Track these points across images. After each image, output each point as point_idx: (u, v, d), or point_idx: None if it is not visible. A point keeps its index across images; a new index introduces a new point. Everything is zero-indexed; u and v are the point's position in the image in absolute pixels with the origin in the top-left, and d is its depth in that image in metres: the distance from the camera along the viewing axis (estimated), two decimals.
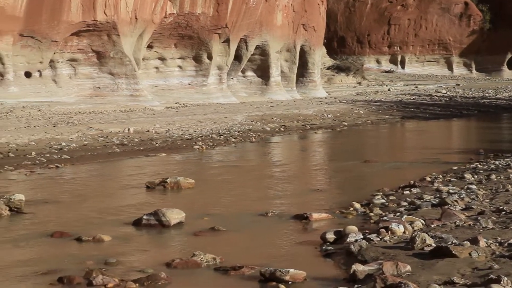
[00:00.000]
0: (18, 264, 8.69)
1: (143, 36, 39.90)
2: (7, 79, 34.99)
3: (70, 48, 37.70)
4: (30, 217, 11.62)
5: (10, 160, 19.84)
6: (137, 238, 10.27)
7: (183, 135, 27.34)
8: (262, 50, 47.70)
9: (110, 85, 39.26)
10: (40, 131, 25.93)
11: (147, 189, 14.65)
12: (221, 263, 8.54)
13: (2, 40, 34.14)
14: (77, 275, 7.89)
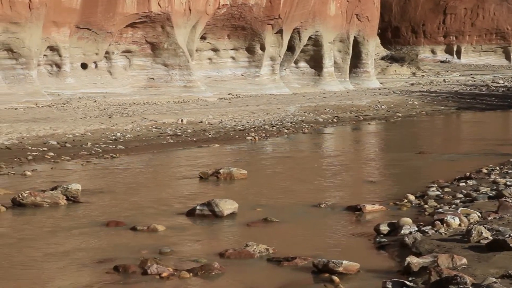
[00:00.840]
0: (75, 252, 8.84)
1: (196, 27, 40.11)
2: (64, 70, 35.62)
3: (125, 40, 38.16)
4: (86, 206, 11.81)
5: (67, 150, 20.20)
6: (191, 228, 10.35)
7: (235, 126, 27.42)
8: (315, 41, 47.46)
9: (164, 76, 39.61)
10: (96, 122, 26.33)
11: (200, 179, 14.74)
12: (274, 254, 8.54)
13: (59, 32, 34.75)
14: (132, 264, 7.99)
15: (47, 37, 34.39)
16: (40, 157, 18.66)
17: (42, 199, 11.75)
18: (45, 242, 9.39)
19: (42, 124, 25.46)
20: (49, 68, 35.97)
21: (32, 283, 7.60)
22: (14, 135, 22.68)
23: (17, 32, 33.21)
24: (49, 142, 21.66)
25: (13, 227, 10.50)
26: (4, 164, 17.19)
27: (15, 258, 8.54)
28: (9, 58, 33.90)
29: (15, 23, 32.95)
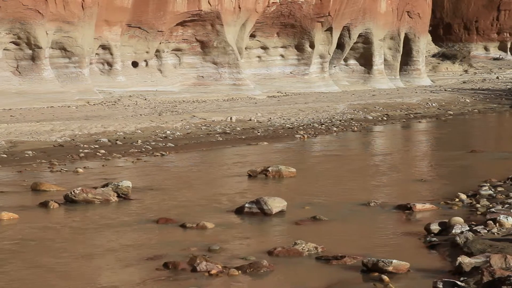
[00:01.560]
0: (126, 249, 8.94)
1: (246, 25, 40.19)
2: (115, 68, 36.09)
3: (175, 38, 38.48)
4: (136, 203, 11.93)
5: (118, 147, 20.45)
6: (239, 226, 10.37)
7: (284, 124, 27.39)
8: (365, 38, 47.12)
9: (213, 74, 39.80)
10: (146, 120, 26.60)
11: (249, 177, 14.76)
12: (322, 253, 8.51)
13: (111, 30, 35.22)
14: (182, 261, 8.05)
15: (99, 36, 34.88)
16: (91, 155, 18.93)
17: (93, 196, 11.92)
18: (96, 238, 9.52)
19: (94, 122, 25.83)
20: (100, 67, 36.48)
21: (83, 279, 7.71)
22: (66, 133, 23.06)
23: (70, 31, 33.75)
24: (100, 139, 21.96)
25: (65, 223, 10.68)
26: (57, 161, 17.50)
27: (66, 254, 8.68)
28: (62, 57, 34.49)
29: (68, 22, 33.50)
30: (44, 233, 9.83)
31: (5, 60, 33.67)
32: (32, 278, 7.69)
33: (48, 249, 8.95)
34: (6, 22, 32.52)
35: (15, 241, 9.31)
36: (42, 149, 19.83)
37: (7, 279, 7.65)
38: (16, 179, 14.86)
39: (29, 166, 16.76)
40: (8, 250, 8.84)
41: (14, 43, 33.49)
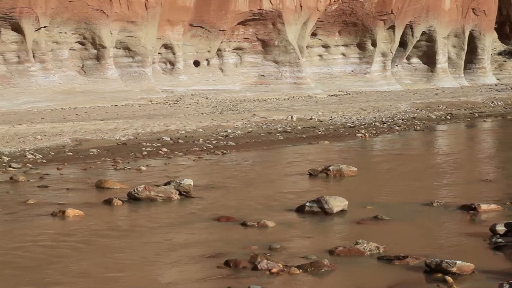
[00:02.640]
0: (187, 246, 9.02)
1: (307, 24, 40.11)
2: (177, 68, 36.48)
3: (237, 37, 38.66)
4: (198, 201, 12.02)
5: (179, 146, 20.66)
6: (300, 225, 10.35)
7: (345, 122, 27.22)
8: (428, 36, 46.45)
9: (274, 73, 39.84)
10: (207, 118, 26.79)
11: (310, 176, 14.71)
12: (384, 252, 8.42)
13: (173, 30, 35.62)
14: (243, 259, 8.07)
15: (162, 35, 35.31)
16: (154, 153, 19.17)
17: (156, 194, 12.06)
18: (158, 236, 9.63)
19: (156, 120, 26.16)
20: (163, 66, 36.92)
21: (145, 276, 7.81)
22: (130, 131, 23.41)
23: (133, 31, 34.26)
24: (162, 138, 22.22)
25: (129, 221, 10.84)
26: (120, 159, 17.77)
27: (129, 251, 8.80)
28: (125, 56, 35.03)
29: (132, 22, 34.00)
30: (108, 230, 10.00)
31: (71, 59, 34.38)
32: (95, 274, 7.83)
33: (112, 246, 9.09)
34: (72, 22, 33.20)
35: (80, 238, 9.49)
36: (106, 147, 20.18)
37: (71, 275, 7.80)
38: (81, 177, 15.16)
39: (94, 164, 17.07)
40: (73, 246, 9.02)
41: (80, 43, 34.18)
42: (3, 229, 10.07)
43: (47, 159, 17.97)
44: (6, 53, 32.27)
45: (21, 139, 21.19)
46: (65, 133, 22.70)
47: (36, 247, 8.92)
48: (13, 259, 8.37)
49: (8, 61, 32.37)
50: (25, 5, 30.89)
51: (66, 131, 23.17)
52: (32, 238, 9.42)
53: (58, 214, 10.81)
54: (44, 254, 8.59)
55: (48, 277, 7.66)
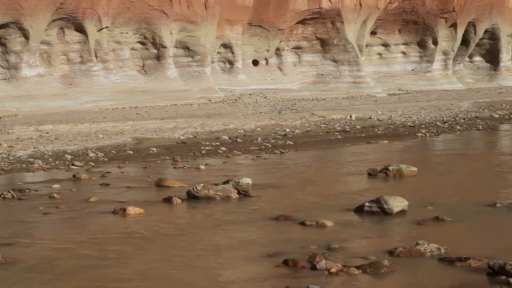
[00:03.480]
0: (246, 245, 9.03)
1: (367, 22, 39.80)
2: (236, 67, 36.63)
3: (295, 36, 38.63)
4: (256, 200, 12.03)
5: (238, 145, 20.73)
6: (359, 225, 10.25)
7: (405, 122, 26.90)
8: (491, 34, 45.55)
9: (333, 72, 39.66)
10: (266, 118, 26.82)
11: (369, 176, 14.58)
12: (445, 254, 8.27)
13: (233, 29, 35.78)
14: (301, 258, 8.04)
15: (221, 35, 35.52)
16: (213, 152, 19.28)
17: (215, 192, 12.12)
18: (217, 234, 9.67)
19: (215, 119, 26.32)
20: (222, 65, 37.12)
21: (205, 273, 7.85)
22: (189, 130, 23.61)
23: (193, 30, 34.55)
24: (221, 137, 22.33)
25: (188, 219, 10.92)
26: (180, 158, 17.94)
27: (189, 249, 8.86)
28: (185, 56, 35.35)
29: (191, 22, 34.29)
30: (167, 228, 10.09)
31: (132, 59, 34.87)
32: (155, 271, 7.90)
33: (172, 243, 9.17)
34: (133, 22, 33.67)
35: (140, 235, 9.60)
36: (165, 146, 20.39)
37: (132, 272, 7.90)
38: (141, 175, 15.35)
39: (154, 163, 17.26)
40: (133, 244, 9.13)
41: (141, 43, 34.64)
42: (66, 226, 10.26)
43: (108, 157, 18.26)
44: (69, 53, 32.94)
45: (83, 138, 21.59)
46: (126, 132, 23.04)
47: (98, 245, 9.06)
48: (76, 256, 8.52)
49: (71, 61, 33.03)
50: (88, 6, 31.47)
51: (127, 130, 23.51)
52: (94, 235, 9.57)
53: (119, 212, 10.97)
54: (106, 251, 8.72)
55: (110, 274, 7.77)
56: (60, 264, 8.14)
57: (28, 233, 9.74)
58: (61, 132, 23.16)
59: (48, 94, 31.35)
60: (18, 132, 23.10)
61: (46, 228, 10.21)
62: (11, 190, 12.87)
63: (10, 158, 17.83)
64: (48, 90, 31.58)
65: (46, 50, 32.53)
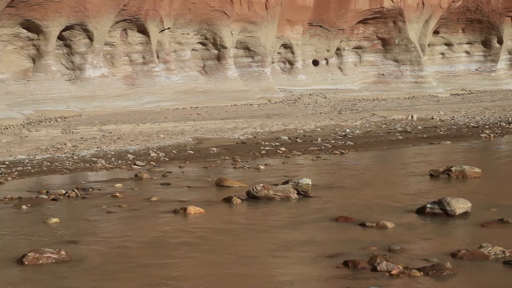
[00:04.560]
0: (306, 245, 9.00)
1: (429, 21, 39.28)
2: (296, 67, 36.60)
3: (356, 36, 38.39)
4: (316, 201, 11.98)
5: (297, 145, 20.69)
6: (421, 226, 10.10)
7: (469, 122, 26.43)
8: None
9: (394, 72, 39.27)
10: (326, 118, 26.71)
11: (431, 177, 14.37)
12: (510, 257, 8.08)
13: (293, 30, 35.76)
14: (362, 260, 7.97)
15: (281, 35, 35.57)
16: (272, 152, 19.28)
17: (274, 193, 12.12)
18: (277, 234, 9.67)
19: (275, 119, 26.34)
20: (282, 65, 37.14)
21: (264, 273, 7.85)
22: (249, 130, 23.68)
23: (253, 31, 34.65)
24: (281, 137, 22.33)
25: (248, 219, 10.95)
26: (239, 158, 18.00)
27: (248, 249, 8.88)
28: (245, 56, 35.50)
29: (252, 22, 34.40)
30: (227, 228, 10.13)
31: (193, 60, 35.19)
32: (215, 271, 7.95)
33: (231, 243, 9.21)
34: (194, 23, 33.96)
35: (201, 235, 9.67)
36: (225, 146, 20.50)
37: (193, 271, 7.96)
38: (201, 175, 15.47)
39: (214, 163, 17.37)
40: (194, 243, 9.20)
41: (201, 44, 34.93)
42: (128, 225, 10.41)
43: (169, 157, 18.46)
44: (132, 54, 33.44)
45: (145, 138, 21.88)
46: (186, 132, 23.25)
47: (159, 244, 9.16)
48: (138, 254, 8.64)
49: (133, 61, 33.53)
50: (151, 7, 31.89)
51: (187, 130, 23.73)
52: (155, 234, 9.68)
53: (180, 211, 11.06)
54: (167, 250, 8.81)
55: (171, 273, 7.85)
56: (122, 262, 8.26)
57: (91, 231, 9.92)
58: (123, 132, 23.52)
59: (111, 95, 31.90)
60: (82, 132, 23.56)
61: (109, 226, 10.38)
62: (75, 189, 13.13)
63: (74, 158, 18.20)
64: (111, 90, 32.13)
65: (109, 51, 33.09)
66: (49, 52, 30.98)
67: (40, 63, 31.10)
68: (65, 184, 14.32)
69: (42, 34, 30.45)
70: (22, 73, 31.05)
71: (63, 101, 30.69)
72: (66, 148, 20.01)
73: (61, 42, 31.68)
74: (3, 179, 15.16)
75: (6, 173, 16.06)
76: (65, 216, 11.04)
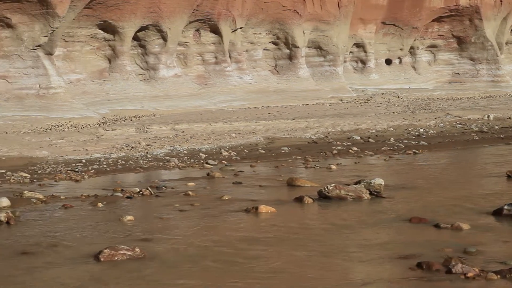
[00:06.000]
0: (378, 246, 8.90)
1: (507, 19, 38.38)
2: (369, 66, 36.29)
3: (431, 35, 37.83)
4: (388, 201, 11.84)
5: (370, 145, 20.50)
6: (498, 228, 9.85)
7: None
8: None
9: (469, 70, 38.53)
10: (399, 118, 26.38)
11: (508, 178, 14.01)
12: None
13: (366, 28, 35.48)
14: (436, 261, 7.82)
15: (354, 34, 35.34)
16: (344, 152, 19.16)
17: (346, 193, 12.03)
18: (349, 235, 9.59)
19: (347, 119, 26.16)
20: (354, 65, 36.91)
21: (336, 273, 7.80)
22: (320, 130, 23.60)
23: (325, 30, 34.52)
24: (353, 137, 22.17)
25: (319, 219, 10.90)
26: (311, 157, 17.95)
27: (320, 249, 8.84)
28: (317, 56, 35.40)
29: (324, 21, 34.27)
30: (299, 227, 10.11)
31: (265, 59, 35.29)
32: (288, 271, 7.94)
33: (303, 243, 9.18)
34: (266, 23, 34.05)
35: (273, 234, 9.67)
36: (297, 145, 20.47)
37: (263, 270, 7.97)
38: (273, 174, 15.49)
39: (285, 162, 17.37)
40: (265, 242, 9.21)
41: (273, 43, 34.99)
42: (201, 224, 10.51)
43: (241, 156, 18.55)
44: (204, 54, 33.78)
45: (217, 137, 22.07)
46: (258, 131, 23.33)
47: (231, 242, 9.21)
48: (209, 252, 8.71)
49: (206, 61, 33.87)
50: (223, 7, 32.15)
51: (259, 130, 23.81)
52: (227, 233, 9.74)
53: (252, 211, 11.10)
54: (238, 249, 8.85)
55: (242, 272, 7.88)
56: (194, 260, 8.34)
57: (165, 229, 10.05)
58: (195, 131, 23.77)
59: (184, 94, 32.30)
60: (155, 131, 23.93)
61: (182, 224, 10.50)
62: (149, 187, 13.34)
63: (148, 156, 18.49)
64: (184, 90, 32.53)
65: (183, 51, 33.51)
66: (124, 52, 31.58)
67: (115, 63, 31.73)
68: (139, 182, 14.57)
69: (117, 35, 31.06)
70: (98, 73, 31.75)
71: (137, 100, 31.24)
72: (140, 147, 20.37)
73: (135, 43, 32.26)
74: (80, 177, 15.54)
75: (83, 171, 16.45)
76: (139, 214, 11.23)
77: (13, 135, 23.76)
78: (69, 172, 16.23)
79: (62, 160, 18.41)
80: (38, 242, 9.25)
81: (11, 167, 17.39)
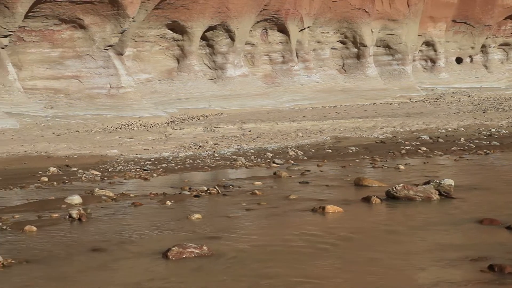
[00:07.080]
0: (448, 248, 8.74)
1: None
2: (439, 65, 35.75)
3: (503, 32, 37.02)
4: (459, 202, 11.62)
5: (439, 145, 20.17)
6: None
7: None
8: None
9: None
10: (469, 117, 25.88)
11: None
12: None
13: (435, 27, 34.95)
14: (509, 264, 7.64)
15: (423, 32, 34.87)
16: (412, 151, 18.91)
17: (414, 193, 11.86)
18: (418, 236, 9.45)
19: (415, 118, 25.80)
20: (423, 63, 36.41)
21: (402, 275, 7.70)
22: (388, 129, 23.34)
23: (394, 28, 34.14)
24: (421, 136, 21.86)
25: (387, 220, 10.78)
26: (378, 157, 17.77)
27: (387, 250, 8.73)
28: (385, 54, 35.05)
29: (393, 20, 33.90)
30: (366, 228, 10.02)
31: (332, 58, 35.13)
32: (352, 270, 7.88)
33: (370, 243, 9.10)
34: (334, 22, 33.90)
35: (339, 234, 9.61)
36: (364, 145, 20.31)
37: (329, 270, 7.93)
38: (340, 174, 15.40)
39: (352, 162, 17.25)
40: (331, 243, 9.16)
41: (341, 42, 34.81)
42: (268, 223, 10.52)
43: (307, 155, 18.51)
44: (272, 54, 33.85)
45: (283, 136, 22.07)
46: (325, 131, 23.24)
47: (298, 242, 9.19)
48: (276, 251, 8.71)
49: (273, 61, 33.93)
50: (291, 7, 32.16)
51: (325, 129, 23.71)
52: (294, 232, 9.72)
53: (318, 210, 11.06)
54: (305, 248, 8.83)
55: (307, 271, 7.86)
56: (263, 258, 8.36)
57: (232, 228, 10.10)
58: (262, 130, 23.83)
59: (251, 94, 32.42)
60: (222, 130, 24.10)
61: (249, 223, 10.54)
62: (217, 186, 13.44)
63: (215, 155, 18.63)
64: (251, 89, 32.66)
65: (250, 51, 33.65)
66: (193, 52, 31.90)
67: (184, 63, 32.09)
68: (207, 181, 14.70)
69: (186, 35, 31.40)
70: (167, 73, 32.17)
71: (205, 100, 31.53)
72: (207, 146, 20.55)
73: (203, 42, 32.55)
74: (149, 175, 15.77)
75: (152, 169, 16.69)
76: (207, 212, 11.32)
77: (85, 134, 24.30)
78: (138, 171, 16.49)
79: (132, 158, 18.72)
80: (109, 239, 9.42)
81: (82, 165, 17.79)
